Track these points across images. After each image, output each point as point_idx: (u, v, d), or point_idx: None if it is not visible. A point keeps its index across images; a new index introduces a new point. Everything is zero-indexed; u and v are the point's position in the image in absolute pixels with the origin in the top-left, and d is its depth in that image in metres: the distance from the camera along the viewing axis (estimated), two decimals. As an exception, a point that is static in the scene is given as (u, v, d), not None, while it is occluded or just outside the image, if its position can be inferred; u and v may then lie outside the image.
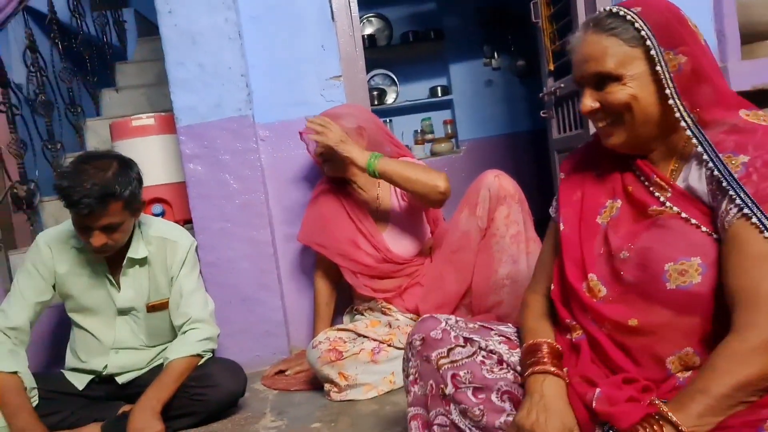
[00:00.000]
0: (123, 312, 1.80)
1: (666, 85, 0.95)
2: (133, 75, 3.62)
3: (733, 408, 0.80)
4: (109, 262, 1.76)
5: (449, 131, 5.02)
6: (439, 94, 4.94)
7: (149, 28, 4.13)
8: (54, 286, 1.77)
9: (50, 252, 1.75)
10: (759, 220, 0.85)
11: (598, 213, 1.09)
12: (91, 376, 1.82)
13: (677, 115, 0.95)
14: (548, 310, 1.17)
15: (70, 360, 1.86)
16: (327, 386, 1.81)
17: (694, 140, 0.94)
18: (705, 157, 0.92)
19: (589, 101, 1.02)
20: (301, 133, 2.05)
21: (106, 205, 1.55)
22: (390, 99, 4.94)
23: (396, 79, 4.94)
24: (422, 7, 4.93)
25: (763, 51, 2.41)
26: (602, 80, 1.00)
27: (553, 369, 1.02)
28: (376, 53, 4.73)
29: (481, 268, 1.86)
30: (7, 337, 1.67)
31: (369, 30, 4.89)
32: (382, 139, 2.01)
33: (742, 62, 2.30)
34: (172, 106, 2.22)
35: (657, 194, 1.01)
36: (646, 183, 1.03)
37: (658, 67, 0.95)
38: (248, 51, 2.25)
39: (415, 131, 5.01)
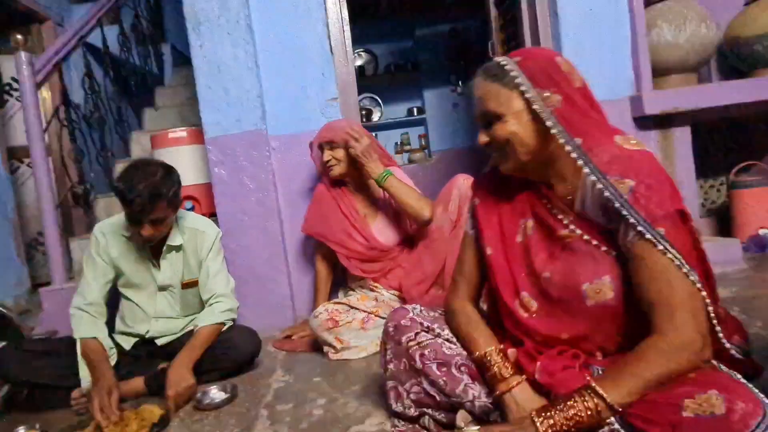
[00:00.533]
0: (162, 288, 1.77)
1: (545, 118, 0.91)
2: (169, 96, 3.55)
3: (653, 389, 0.81)
4: (152, 248, 1.74)
5: (423, 143, 5.02)
6: (415, 114, 4.94)
7: (183, 58, 4.07)
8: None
9: (105, 239, 1.72)
10: (653, 237, 0.84)
11: (516, 233, 1.05)
12: (136, 339, 1.80)
13: (561, 141, 0.91)
14: (476, 312, 1.14)
15: (119, 325, 1.83)
16: (326, 348, 1.79)
17: (580, 162, 0.90)
18: (592, 178, 0.88)
19: (482, 137, 1.01)
20: (311, 144, 2.03)
21: (154, 204, 1.54)
22: (376, 117, 4.93)
23: (380, 102, 4.94)
24: (402, 45, 4.93)
25: (668, 84, 2.43)
26: (489, 119, 0.97)
27: (514, 382, 0.98)
28: (365, 80, 4.73)
29: (452, 254, 1.83)
30: (86, 312, 1.67)
31: (359, 62, 4.87)
32: (374, 146, 1.98)
33: (653, 92, 2.30)
34: (201, 122, 2.19)
35: (560, 216, 0.97)
36: (549, 206, 0.99)
37: (535, 106, 0.92)
38: (263, 77, 2.21)
39: (396, 143, 5.02)
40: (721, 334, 0.89)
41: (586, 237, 0.94)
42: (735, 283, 1.97)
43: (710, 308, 0.86)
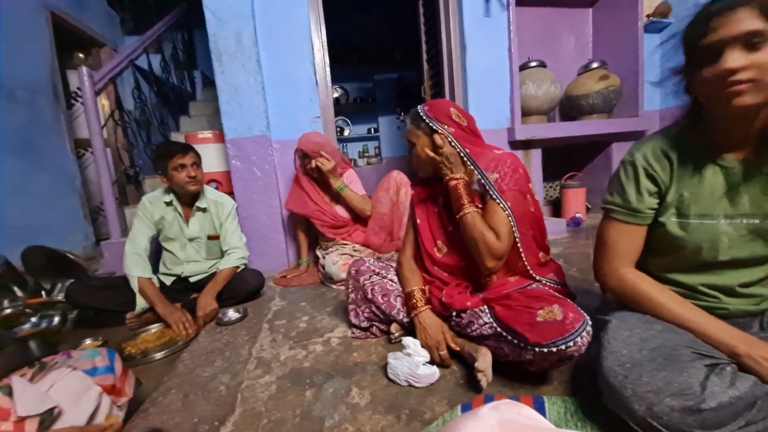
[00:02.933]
0: (191, 239, 1.65)
1: (451, 139, 0.98)
2: (200, 108, 3.25)
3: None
4: (184, 211, 1.61)
5: (377, 152, 4.92)
6: (373, 132, 4.81)
7: (209, 81, 3.74)
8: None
9: (150, 206, 1.59)
10: (496, 198, 0.93)
11: (435, 207, 1.09)
12: (174, 278, 1.67)
13: (458, 151, 0.98)
14: (414, 264, 1.14)
15: (161, 268, 1.70)
16: (336, 285, 1.72)
17: (468, 162, 0.98)
18: (476, 172, 0.97)
19: (410, 156, 1.06)
20: (303, 151, 1.87)
21: (189, 149, 1.52)
22: (346, 132, 4.75)
23: (350, 122, 4.76)
24: (365, 85, 4.76)
25: (530, 121, 2.51)
26: (410, 145, 1.04)
27: (422, 307, 1.02)
28: (340, 107, 4.54)
29: (397, 219, 1.83)
30: (138, 256, 1.53)
31: (336, 94, 4.65)
32: (338, 157, 1.89)
33: (521, 126, 2.37)
34: (222, 127, 2.01)
35: None
36: None
37: (441, 131, 0.98)
38: (268, 98, 2.06)
39: (359, 151, 4.87)
40: (527, 263, 0.95)
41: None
42: (561, 245, 2.10)
43: (518, 241, 0.93)
